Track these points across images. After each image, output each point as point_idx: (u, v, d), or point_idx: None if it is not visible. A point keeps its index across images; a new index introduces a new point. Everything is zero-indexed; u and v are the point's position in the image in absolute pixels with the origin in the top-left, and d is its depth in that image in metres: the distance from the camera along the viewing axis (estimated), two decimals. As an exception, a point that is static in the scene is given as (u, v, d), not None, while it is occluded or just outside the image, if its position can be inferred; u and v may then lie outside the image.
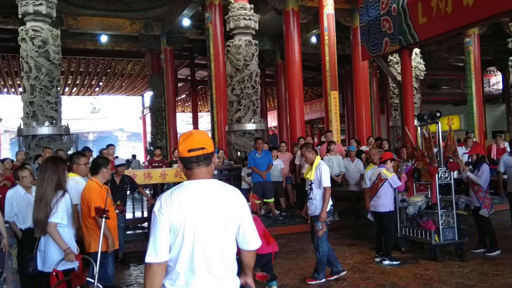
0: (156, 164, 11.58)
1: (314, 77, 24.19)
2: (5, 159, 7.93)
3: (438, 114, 6.79)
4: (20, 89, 16.14)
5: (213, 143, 2.48)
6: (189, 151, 2.27)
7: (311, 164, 5.91)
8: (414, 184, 7.10)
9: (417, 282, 5.58)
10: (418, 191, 7.16)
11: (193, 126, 23.54)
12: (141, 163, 19.64)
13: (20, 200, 5.29)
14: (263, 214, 9.97)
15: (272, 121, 26.90)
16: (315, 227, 5.80)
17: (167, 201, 2.22)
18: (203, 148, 2.26)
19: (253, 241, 2.39)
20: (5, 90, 25.99)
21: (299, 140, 11.07)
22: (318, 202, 5.82)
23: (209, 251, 2.22)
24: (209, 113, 13.76)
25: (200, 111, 30.17)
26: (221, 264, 2.26)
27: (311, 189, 5.88)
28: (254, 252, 2.45)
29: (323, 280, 5.82)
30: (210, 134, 13.38)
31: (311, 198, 5.87)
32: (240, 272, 2.47)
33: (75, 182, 4.74)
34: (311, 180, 5.86)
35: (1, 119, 27.37)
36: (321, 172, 5.75)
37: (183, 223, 2.18)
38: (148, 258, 2.19)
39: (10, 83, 23.97)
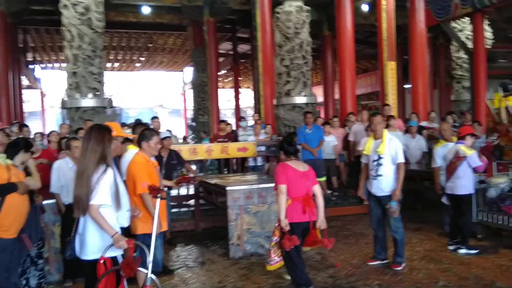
0: (222, 140, 10.06)
1: (361, 51, 22.96)
2: (51, 132, 7.86)
3: (527, 83, 5.91)
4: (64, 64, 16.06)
5: (120, 130, 4.11)
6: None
7: (375, 138, 5.28)
8: (495, 163, 6.26)
9: (506, 276, 4.83)
10: (498, 171, 6.31)
11: (235, 102, 22.96)
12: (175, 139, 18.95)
13: (67, 172, 4.93)
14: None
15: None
16: (390, 208, 5.16)
17: None
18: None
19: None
20: (50, 65, 26.24)
21: (349, 116, 10.33)
22: (390, 180, 5.18)
23: None
24: (249, 89, 13.10)
25: (240, 87, 29.54)
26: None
27: (378, 165, 5.21)
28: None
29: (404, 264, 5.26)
30: (253, 110, 12.72)
31: (380, 175, 5.22)
32: None
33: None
34: (379, 155, 5.19)
35: (45, 95, 27.67)
36: (396, 146, 5.15)
37: None
38: None
39: (54, 58, 24.13)
